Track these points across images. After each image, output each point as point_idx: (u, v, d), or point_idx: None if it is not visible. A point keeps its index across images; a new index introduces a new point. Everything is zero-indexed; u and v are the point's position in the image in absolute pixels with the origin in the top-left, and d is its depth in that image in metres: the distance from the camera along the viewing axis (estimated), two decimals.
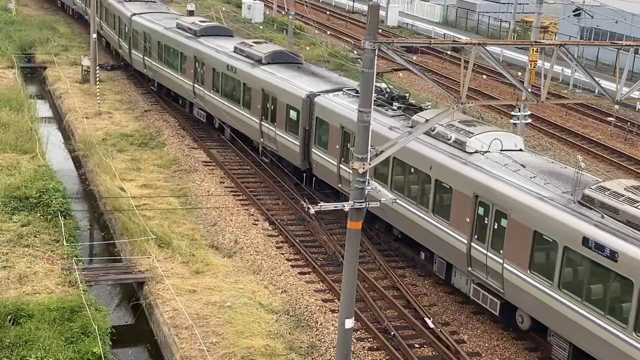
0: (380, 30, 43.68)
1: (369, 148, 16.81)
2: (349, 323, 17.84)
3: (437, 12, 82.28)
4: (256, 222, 29.63)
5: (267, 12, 75.94)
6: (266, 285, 24.60)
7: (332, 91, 30.42)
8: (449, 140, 24.09)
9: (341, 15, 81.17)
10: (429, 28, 74.89)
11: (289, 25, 56.62)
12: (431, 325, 22.43)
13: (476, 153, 23.30)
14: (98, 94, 43.81)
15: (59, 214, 27.85)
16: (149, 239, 26.42)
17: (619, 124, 45.67)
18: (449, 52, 62.66)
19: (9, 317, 21.03)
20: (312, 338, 21.79)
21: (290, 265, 26.30)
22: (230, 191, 32.64)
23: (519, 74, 52.39)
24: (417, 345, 21.91)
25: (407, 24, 77.33)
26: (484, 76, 55.61)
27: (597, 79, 18.89)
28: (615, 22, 57.62)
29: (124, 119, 41.34)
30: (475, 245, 22.44)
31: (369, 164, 16.82)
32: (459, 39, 63.78)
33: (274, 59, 34.56)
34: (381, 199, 17.60)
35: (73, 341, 20.47)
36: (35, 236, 26.46)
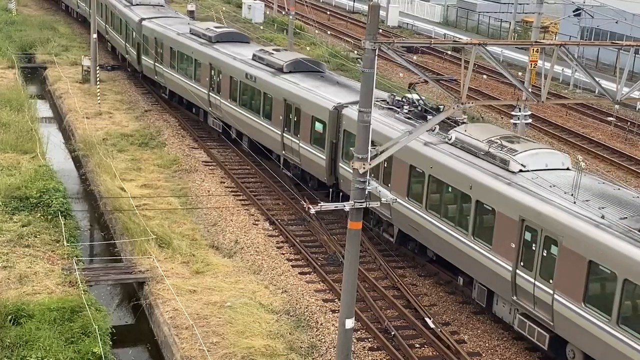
0: (380, 30, 43.69)
1: (369, 148, 16.83)
2: (350, 323, 17.84)
3: (438, 12, 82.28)
4: (256, 222, 29.63)
5: (268, 12, 75.93)
6: (266, 285, 24.60)
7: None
8: (491, 158, 22.63)
9: (341, 15, 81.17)
10: (429, 28, 74.90)
11: (289, 26, 56.60)
12: (431, 325, 22.42)
13: (521, 172, 21.79)
14: (98, 94, 43.81)
15: (59, 214, 27.85)
16: (150, 239, 26.42)
17: (619, 124, 45.67)
18: (449, 52, 62.67)
19: (10, 317, 21.03)
20: (313, 338, 21.79)
21: (291, 265, 26.31)
22: (231, 191, 32.64)
23: (520, 74, 52.40)
24: (418, 345, 21.91)
25: (408, 24, 77.33)
26: (484, 76, 55.60)
27: (598, 79, 18.89)
28: (616, 22, 57.62)
29: (124, 119, 41.34)
30: (521, 273, 20.83)
31: (369, 164, 16.83)
32: (459, 39, 63.80)
33: (296, 68, 33.19)
34: (382, 199, 17.58)
35: (73, 341, 20.47)
36: (35, 236, 26.46)
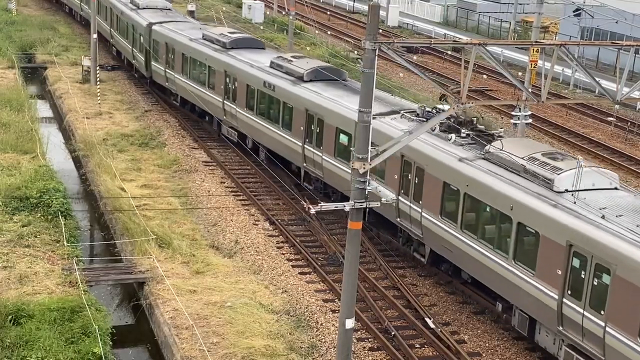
0: (380, 31, 43.70)
1: (369, 148, 16.84)
2: (350, 323, 17.84)
3: (438, 12, 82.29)
4: (257, 222, 29.63)
5: (268, 13, 75.94)
6: (267, 286, 24.60)
7: (389, 114, 27.24)
8: (533, 176, 21.28)
9: (341, 16, 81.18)
10: (429, 28, 74.90)
11: (290, 26, 56.62)
12: (432, 326, 22.42)
13: (567, 193, 20.47)
14: (98, 94, 43.81)
15: (59, 214, 27.85)
16: (150, 239, 26.42)
17: (619, 124, 45.67)
18: (449, 52, 62.67)
19: (10, 317, 21.03)
20: (313, 338, 21.79)
21: (291, 266, 26.31)
22: (231, 191, 32.64)
23: (520, 74, 52.40)
24: (418, 346, 21.91)
25: (408, 24, 77.34)
26: (485, 76, 55.60)
27: (598, 79, 18.90)
28: (616, 22, 57.62)
29: (124, 119, 41.34)
30: (568, 302, 19.48)
31: (369, 164, 16.84)
32: (460, 39, 63.82)
33: (317, 76, 31.92)
34: (382, 199, 17.57)
35: (73, 341, 20.47)
36: (35, 236, 26.47)
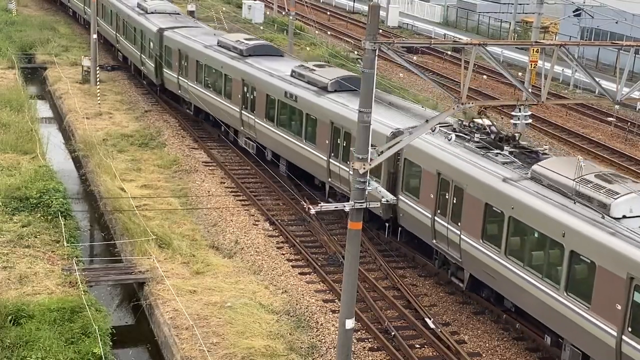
0: (380, 31, 43.71)
1: (369, 148, 16.84)
2: (350, 323, 17.84)
3: (438, 13, 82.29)
4: (257, 223, 29.63)
5: (268, 13, 75.95)
6: (267, 286, 24.60)
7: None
8: (586, 200, 19.91)
9: (341, 16, 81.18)
10: (429, 28, 74.90)
11: (290, 26, 56.63)
12: (432, 326, 22.42)
13: (625, 219, 19.13)
14: (98, 94, 43.81)
15: (59, 214, 27.84)
16: (150, 240, 26.42)
17: (619, 124, 45.67)
18: (449, 53, 62.68)
19: (10, 318, 21.03)
20: (313, 338, 21.79)
21: (291, 266, 26.30)
22: (231, 191, 32.64)
23: (520, 74, 52.42)
24: (418, 346, 21.90)
25: (408, 24, 77.34)
26: (485, 76, 55.61)
27: (598, 79, 18.91)
28: (616, 23, 57.62)
29: (124, 120, 41.34)
30: (629, 340, 18.12)
31: (369, 164, 16.84)
32: (459, 39, 63.87)
33: (342, 86, 30.54)
34: (382, 199, 17.57)
35: (73, 342, 20.48)
36: (35, 237, 26.46)
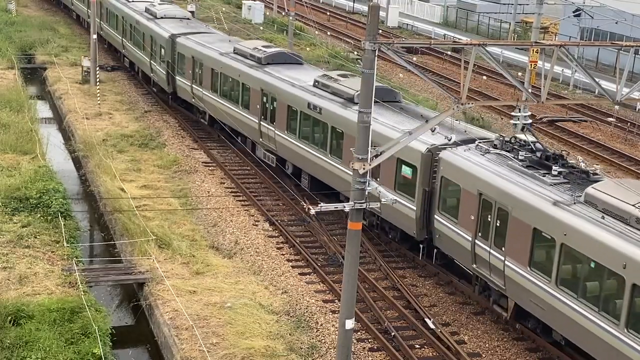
0: (380, 31, 43.69)
1: (369, 149, 16.85)
2: (350, 324, 17.84)
3: (437, 13, 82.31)
4: (256, 223, 29.62)
5: (267, 13, 75.96)
6: (266, 286, 24.60)
7: (459, 144, 24.64)
8: None
9: (341, 16, 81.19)
10: (429, 29, 74.91)
11: (289, 26, 56.67)
12: (432, 326, 22.41)
13: None
14: (98, 94, 43.82)
15: (59, 214, 27.84)
16: (149, 240, 26.42)
17: (619, 124, 45.69)
18: (449, 53, 62.69)
19: (9, 318, 21.03)
20: (313, 339, 21.79)
21: (291, 266, 26.30)
22: (231, 192, 32.63)
23: (519, 74, 52.42)
24: (418, 346, 21.89)
25: (407, 24, 77.36)
26: (484, 77, 55.61)
27: (597, 80, 18.90)
28: (616, 23, 57.62)
29: (124, 120, 41.34)
30: None
31: (369, 165, 16.85)
32: (459, 39, 63.88)
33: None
34: (382, 200, 17.57)
35: (73, 342, 20.48)
36: (35, 237, 26.46)
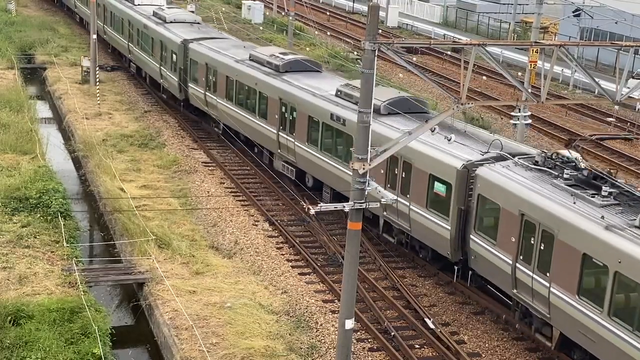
0: (380, 31, 43.68)
1: (369, 148, 16.85)
2: (349, 324, 17.84)
3: (437, 13, 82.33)
4: (256, 223, 29.63)
5: (267, 13, 75.98)
6: (266, 286, 24.60)
7: (497, 159, 23.36)
8: None
9: (341, 16, 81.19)
10: (428, 29, 74.92)
11: (289, 26, 56.70)
12: (431, 326, 22.42)
13: None
14: (98, 94, 43.82)
15: (59, 214, 27.84)
16: (149, 240, 26.42)
17: (619, 124, 45.69)
18: (448, 53, 62.69)
19: (9, 318, 21.03)
20: (313, 339, 21.79)
21: (291, 266, 26.30)
22: (231, 192, 32.63)
23: (519, 74, 52.43)
24: (418, 346, 21.90)
25: (407, 24, 77.38)
26: (484, 77, 55.61)
27: (597, 80, 18.90)
28: (615, 23, 57.63)
29: (124, 120, 41.34)
30: None
31: (369, 165, 16.85)
32: (459, 39, 63.87)
33: (397, 109, 27.53)
34: (381, 199, 17.57)
35: (73, 342, 20.48)
36: (35, 237, 26.46)
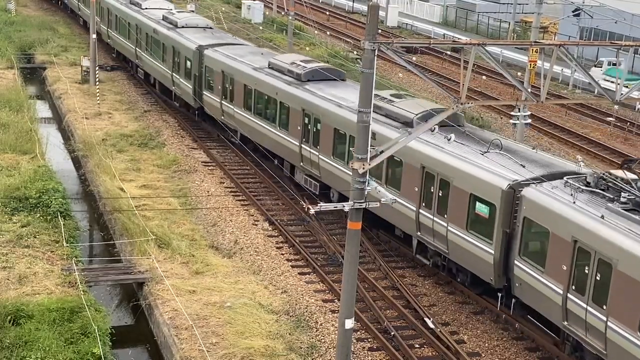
0: (379, 31, 43.70)
1: (368, 148, 16.84)
2: (349, 323, 17.84)
3: (437, 13, 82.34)
4: (256, 223, 29.62)
5: (267, 13, 75.98)
6: (266, 286, 24.60)
7: (547, 178, 21.75)
8: None
9: (341, 16, 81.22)
10: (428, 28, 74.93)
11: (289, 26, 56.68)
12: (431, 326, 22.42)
13: None
14: (98, 94, 43.81)
15: (58, 214, 27.84)
16: (149, 240, 26.42)
17: (618, 124, 45.70)
18: (448, 53, 62.70)
19: (9, 318, 21.03)
20: (312, 338, 21.79)
21: (290, 266, 26.30)
22: (230, 191, 32.63)
23: (519, 74, 52.43)
24: (417, 346, 21.90)
25: (407, 24, 77.39)
26: (484, 76, 55.61)
27: (597, 79, 18.90)
28: (615, 22, 57.66)
29: (123, 120, 41.34)
30: None
31: (368, 164, 16.84)
32: (459, 39, 63.88)
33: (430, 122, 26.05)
34: (381, 199, 17.56)
35: (73, 342, 20.47)
36: (35, 237, 26.46)
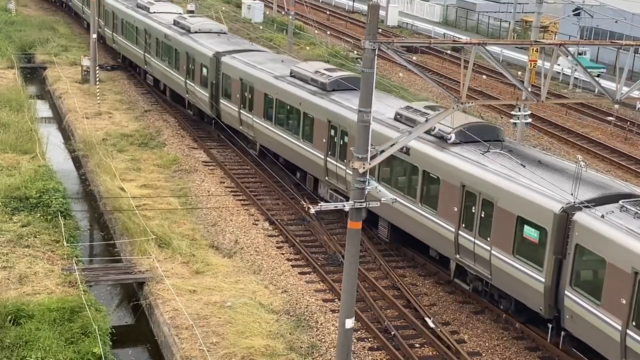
0: (380, 30, 43.68)
1: (369, 148, 16.85)
2: (350, 323, 17.84)
3: (437, 12, 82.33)
4: (256, 222, 29.63)
5: (267, 12, 75.97)
6: (266, 285, 24.60)
7: (601, 201, 20.14)
8: None
9: (341, 15, 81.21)
10: (428, 28, 74.93)
11: (289, 26, 56.67)
12: (431, 325, 22.42)
13: None
14: (98, 94, 43.81)
15: (59, 214, 27.85)
16: (149, 239, 26.42)
17: (618, 123, 45.70)
18: (448, 52, 62.70)
19: (9, 318, 21.03)
20: (313, 338, 21.79)
21: (291, 265, 26.31)
22: (231, 191, 32.64)
23: (519, 73, 52.43)
24: (418, 345, 21.91)
25: (407, 23, 77.38)
26: (484, 76, 55.61)
27: (597, 79, 18.90)
28: (615, 22, 57.66)
29: (124, 119, 41.34)
30: None
31: (368, 164, 16.85)
32: (459, 38, 63.83)
33: (467, 137, 23.93)
34: (381, 199, 17.57)
35: (73, 341, 20.48)
36: (35, 236, 26.46)
